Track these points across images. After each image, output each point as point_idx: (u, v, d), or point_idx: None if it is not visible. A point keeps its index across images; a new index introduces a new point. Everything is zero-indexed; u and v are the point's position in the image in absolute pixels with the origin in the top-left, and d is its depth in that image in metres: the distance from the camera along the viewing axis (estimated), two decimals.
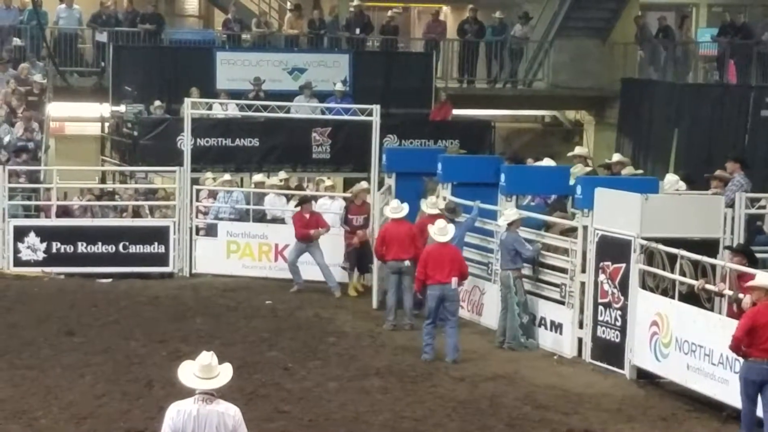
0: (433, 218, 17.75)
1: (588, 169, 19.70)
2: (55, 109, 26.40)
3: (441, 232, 16.45)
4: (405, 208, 18.67)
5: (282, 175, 23.32)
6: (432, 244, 16.60)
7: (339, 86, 26.27)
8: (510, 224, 17.08)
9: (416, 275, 16.74)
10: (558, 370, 16.10)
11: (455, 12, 33.37)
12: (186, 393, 8.93)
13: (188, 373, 8.76)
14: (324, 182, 22.95)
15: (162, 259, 21.82)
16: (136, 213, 22.82)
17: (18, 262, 21.42)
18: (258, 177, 23.33)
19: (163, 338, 17.02)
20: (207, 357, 8.78)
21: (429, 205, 18.59)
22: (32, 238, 21.47)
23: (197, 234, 22.12)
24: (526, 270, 17.32)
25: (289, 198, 22.17)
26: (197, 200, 22.13)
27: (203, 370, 8.70)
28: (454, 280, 16.35)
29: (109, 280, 21.11)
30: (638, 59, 30.63)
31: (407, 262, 18.26)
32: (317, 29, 28.96)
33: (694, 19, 34.34)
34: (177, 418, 8.73)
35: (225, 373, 8.79)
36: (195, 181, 22.52)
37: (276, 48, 28.66)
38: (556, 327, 17.03)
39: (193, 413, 8.68)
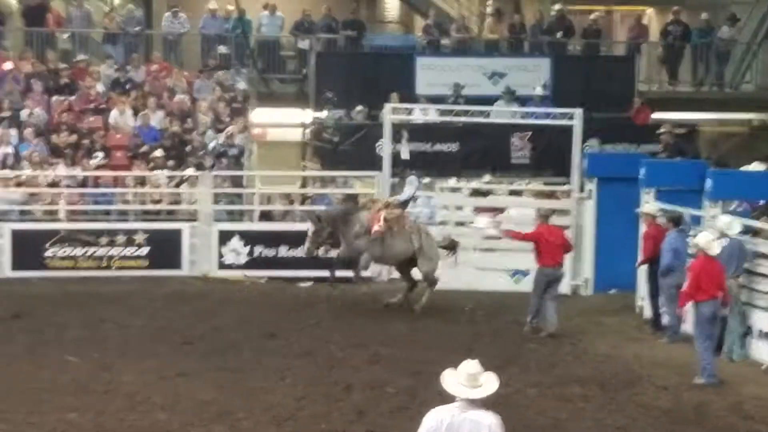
0: (661, 227, 17.43)
1: None
2: (257, 115, 26.87)
3: (711, 245, 15.30)
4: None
5: (486, 179, 23.21)
6: (700, 258, 15.45)
7: (539, 90, 26.02)
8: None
9: (686, 291, 15.47)
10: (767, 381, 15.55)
11: (659, 14, 32.70)
12: (385, 398, 8.83)
13: (453, 381, 8.62)
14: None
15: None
16: None
17: (221, 266, 21.82)
18: (451, 182, 23.28)
19: (361, 342, 17.06)
20: (472, 366, 8.62)
21: (657, 213, 18.12)
22: (236, 242, 21.85)
23: None
24: (742, 279, 16.72)
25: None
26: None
27: (468, 378, 8.57)
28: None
29: (310, 283, 21.31)
30: None
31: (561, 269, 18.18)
32: (518, 33, 28.76)
33: None
34: (430, 424, 8.61)
35: (490, 382, 8.63)
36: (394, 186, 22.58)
37: (476, 52, 28.57)
38: None
39: (446, 420, 8.53)
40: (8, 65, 25.42)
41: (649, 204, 18.58)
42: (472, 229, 20.87)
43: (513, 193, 23.31)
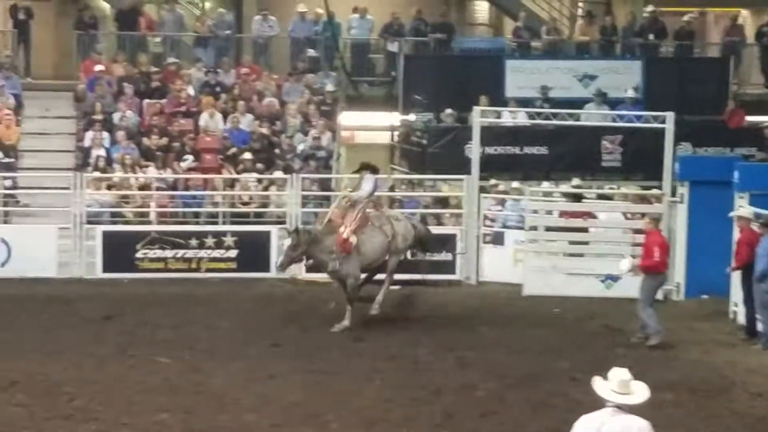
0: (754, 231, 17.18)
1: None
2: (345, 117, 26.90)
3: None
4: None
5: (575, 182, 23.02)
6: None
7: (631, 93, 25.77)
8: None
9: None
10: None
11: (755, 15, 32.19)
12: (473, 402, 8.76)
13: (605, 387, 8.70)
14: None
15: (449, 267, 21.81)
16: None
17: (309, 269, 21.80)
18: (545, 186, 23.11)
19: (449, 345, 16.99)
20: (623, 373, 8.75)
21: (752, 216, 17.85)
22: None
23: (484, 242, 22.04)
24: None
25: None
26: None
27: (620, 385, 8.68)
28: None
29: (398, 287, 21.23)
30: None
31: None
32: (609, 35, 28.48)
33: None
34: (580, 429, 8.59)
35: (641, 391, 8.74)
36: (483, 189, 22.48)
37: (566, 55, 28.35)
38: None
39: (595, 425, 8.55)
40: (100, 68, 25.71)
41: (744, 208, 18.27)
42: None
43: (602, 197, 23.08)
